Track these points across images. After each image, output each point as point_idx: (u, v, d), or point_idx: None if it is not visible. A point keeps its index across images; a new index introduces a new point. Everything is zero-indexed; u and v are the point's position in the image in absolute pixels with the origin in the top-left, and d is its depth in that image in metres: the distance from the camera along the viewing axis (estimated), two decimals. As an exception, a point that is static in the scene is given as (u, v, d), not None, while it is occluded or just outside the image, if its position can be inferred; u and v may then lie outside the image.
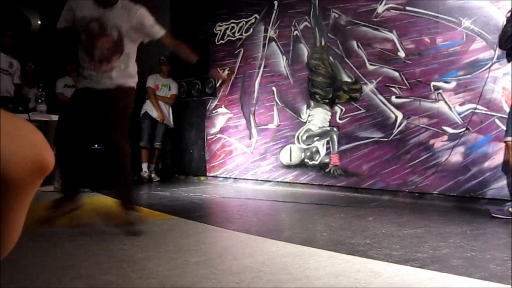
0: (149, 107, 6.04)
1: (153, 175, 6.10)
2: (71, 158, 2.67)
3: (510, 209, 3.15)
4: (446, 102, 3.94)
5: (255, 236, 2.47)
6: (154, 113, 6.01)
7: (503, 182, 3.57)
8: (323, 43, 4.92)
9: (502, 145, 3.46)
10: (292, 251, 2.19)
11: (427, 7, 4.06)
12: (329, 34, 4.85)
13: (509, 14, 3.17)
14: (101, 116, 2.65)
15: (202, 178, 6.26)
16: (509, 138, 3.14)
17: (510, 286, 1.68)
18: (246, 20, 5.75)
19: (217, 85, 6.09)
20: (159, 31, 2.79)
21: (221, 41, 6.04)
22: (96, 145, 5.92)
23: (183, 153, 6.58)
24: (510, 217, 3.09)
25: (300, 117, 5.12)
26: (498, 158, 3.60)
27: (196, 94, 6.36)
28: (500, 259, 2.07)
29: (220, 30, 6.06)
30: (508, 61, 3.31)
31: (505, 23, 3.24)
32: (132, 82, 2.82)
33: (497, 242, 2.45)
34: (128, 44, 2.74)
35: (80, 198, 2.80)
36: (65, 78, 5.89)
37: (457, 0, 3.82)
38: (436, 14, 3.99)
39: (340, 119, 4.75)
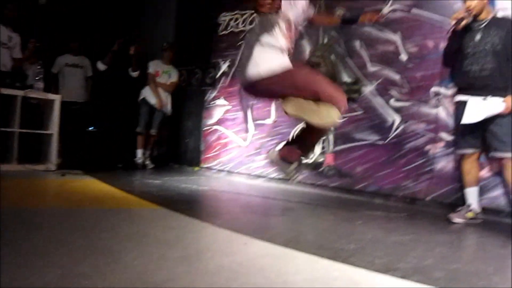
0: (148, 93, 5.99)
1: (147, 162, 6.07)
2: None
3: (466, 213, 3.30)
4: (445, 109, 3.88)
5: (238, 234, 2.43)
6: (153, 100, 5.96)
7: (496, 192, 3.53)
8: (326, 40, 4.85)
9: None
10: (273, 253, 2.14)
11: (433, 10, 3.99)
12: (332, 32, 4.78)
13: (452, 29, 3.20)
14: None
15: (196, 168, 6.23)
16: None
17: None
18: (251, 12, 5.68)
19: (218, 75, 6.04)
20: None
21: (224, 32, 5.97)
22: (91, 128, 5.90)
23: (179, 142, 6.55)
24: (468, 221, 3.27)
25: (298, 114, 5.05)
26: (492, 168, 3.55)
27: (196, 83, 6.31)
28: (484, 273, 2.03)
29: (225, 21, 5.99)
30: (454, 83, 3.45)
31: (449, 38, 3.29)
32: None
33: (483, 254, 2.41)
34: None
35: None
36: (66, 56, 5.83)
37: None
38: (441, 19, 3.91)
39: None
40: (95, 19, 6.43)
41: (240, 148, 5.70)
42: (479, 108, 3.14)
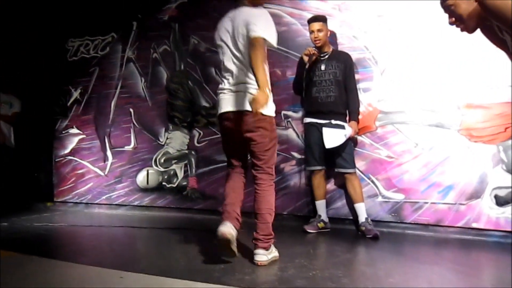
0: (-15, 127, 5.37)
1: (-14, 202, 5.38)
2: None
3: (318, 224, 3.76)
4: (294, 130, 4.31)
5: (109, 270, 2.37)
6: (-9, 134, 5.35)
7: (340, 203, 4.04)
8: (182, 67, 4.99)
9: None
10: (148, 283, 2.16)
11: (279, 42, 4.38)
12: (188, 60, 4.94)
13: (307, 66, 3.69)
14: None
15: (49, 204, 5.75)
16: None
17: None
18: (102, 38, 5.54)
19: (69, 103, 5.72)
20: None
21: (73, 58, 5.70)
22: None
23: (27, 177, 5.96)
24: (319, 230, 3.73)
25: (158, 139, 5.08)
26: (336, 182, 4.05)
27: (44, 112, 5.86)
28: (336, 276, 2.33)
29: (73, 46, 5.72)
30: (304, 107, 3.96)
31: (299, 70, 3.80)
32: None
33: (334, 260, 2.74)
34: None
35: None
36: None
37: (305, 39, 4.23)
38: (286, 50, 4.36)
39: (198, 142, 4.85)
40: None
41: (98, 177, 5.45)
42: (336, 135, 3.59)
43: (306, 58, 3.66)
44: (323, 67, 3.74)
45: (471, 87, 3.58)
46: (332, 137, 3.59)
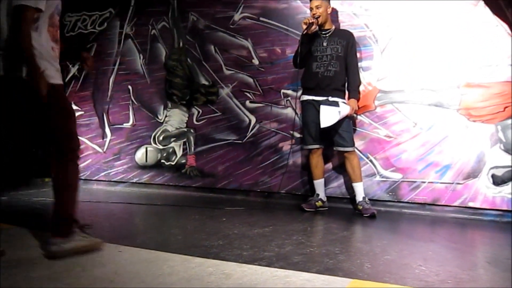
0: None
1: (-15, 177, 5.39)
2: None
3: (316, 203, 3.76)
4: (293, 109, 4.29)
5: (107, 244, 2.38)
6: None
7: (338, 182, 4.05)
8: (181, 44, 4.94)
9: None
10: (146, 258, 2.17)
11: (279, 20, 4.37)
12: (187, 37, 4.89)
13: (303, 33, 3.63)
14: None
15: (47, 179, 5.75)
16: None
17: (339, 278, 1.93)
18: (100, 13, 5.46)
19: (67, 79, 5.66)
20: None
21: (71, 33, 5.62)
22: None
23: (25, 152, 5.95)
24: (317, 209, 3.73)
25: (157, 117, 5.06)
26: (334, 161, 4.06)
27: (42, 87, 5.81)
28: (333, 253, 2.36)
29: (70, 21, 5.65)
30: (302, 83, 3.84)
31: (300, 41, 3.72)
32: None
33: (331, 237, 2.77)
34: None
35: None
36: None
37: (306, 16, 4.18)
38: (286, 27, 4.32)
39: (197, 120, 4.83)
40: None
41: (97, 154, 5.45)
42: (331, 113, 3.55)
43: (304, 26, 3.61)
44: (325, 43, 3.70)
45: (471, 66, 3.56)
46: (327, 116, 3.56)
